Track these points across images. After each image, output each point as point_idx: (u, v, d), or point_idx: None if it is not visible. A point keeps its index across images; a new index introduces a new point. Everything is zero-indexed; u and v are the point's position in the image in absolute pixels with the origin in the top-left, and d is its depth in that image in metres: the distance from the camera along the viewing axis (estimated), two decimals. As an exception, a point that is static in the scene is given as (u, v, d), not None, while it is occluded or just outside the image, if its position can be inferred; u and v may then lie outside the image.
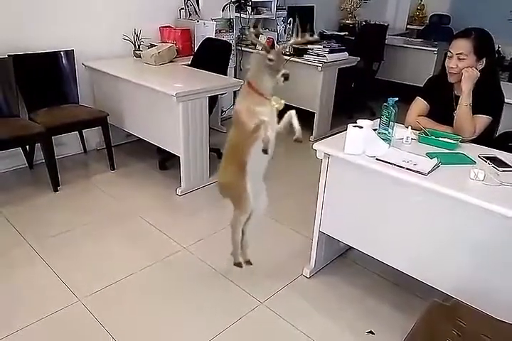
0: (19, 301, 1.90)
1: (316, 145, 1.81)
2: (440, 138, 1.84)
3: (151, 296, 1.97)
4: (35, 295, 1.93)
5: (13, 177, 2.99)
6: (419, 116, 2.08)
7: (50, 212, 2.59)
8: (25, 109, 2.89)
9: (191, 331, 1.78)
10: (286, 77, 1.62)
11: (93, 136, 3.37)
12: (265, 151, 1.65)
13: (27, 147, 3.00)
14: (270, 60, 1.62)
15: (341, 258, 2.25)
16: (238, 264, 2.06)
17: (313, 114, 3.77)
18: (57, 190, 2.79)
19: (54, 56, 3.00)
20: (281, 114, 1.72)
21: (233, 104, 4.28)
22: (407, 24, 6.05)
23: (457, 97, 1.97)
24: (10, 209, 2.58)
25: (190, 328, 1.80)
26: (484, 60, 1.92)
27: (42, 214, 2.55)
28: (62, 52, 3.02)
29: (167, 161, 3.16)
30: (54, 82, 3.03)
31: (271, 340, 1.78)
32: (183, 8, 3.69)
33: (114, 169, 3.13)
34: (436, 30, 5.36)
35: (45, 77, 2.98)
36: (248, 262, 2.09)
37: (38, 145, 2.87)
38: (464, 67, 1.90)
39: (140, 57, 3.29)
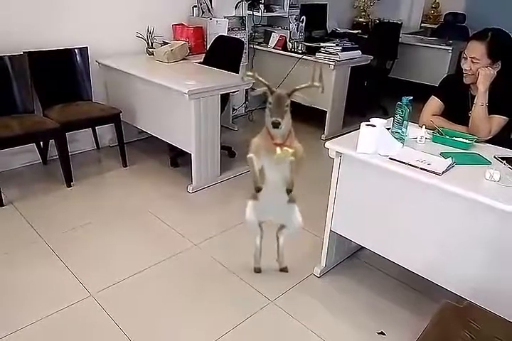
0: (31, 295, 1.92)
1: (328, 144, 1.79)
2: (455, 138, 1.82)
3: (161, 292, 1.98)
4: (47, 289, 1.95)
5: (27, 173, 3.03)
6: (433, 115, 2.06)
7: (63, 207, 2.61)
8: (39, 105, 2.92)
9: (201, 328, 1.79)
10: (274, 125, 1.53)
11: (106, 132, 3.40)
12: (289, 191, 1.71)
13: (41, 143, 3.03)
14: (269, 103, 1.56)
15: (352, 258, 2.24)
16: (257, 269, 2.09)
17: (325, 112, 3.76)
18: (71, 186, 2.82)
19: (68, 53, 3.03)
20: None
21: (245, 102, 4.29)
22: (422, 22, 5.98)
23: (473, 97, 1.95)
24: (24, 204, 2.61)
25: (199, 325, 1.80)
26: (500, 62, 1.89)
27: (55, 210, 2.58)
28: (76, 50, 3.05)
29: (178, 158, 3.17)
30: (68, 79, 3.06)
31: (280, 338, 1.78)
32: (195, 6, 3.69)
33: (126, 166, 3.15)
34: (450, 29, 5.27)
35: (60, 73, 3.01)
36: (284, 269, 2.10)
37: (51, 141, 2.90)
38: (478, 69, 1.88)
39: (153, 54, 3.30)
